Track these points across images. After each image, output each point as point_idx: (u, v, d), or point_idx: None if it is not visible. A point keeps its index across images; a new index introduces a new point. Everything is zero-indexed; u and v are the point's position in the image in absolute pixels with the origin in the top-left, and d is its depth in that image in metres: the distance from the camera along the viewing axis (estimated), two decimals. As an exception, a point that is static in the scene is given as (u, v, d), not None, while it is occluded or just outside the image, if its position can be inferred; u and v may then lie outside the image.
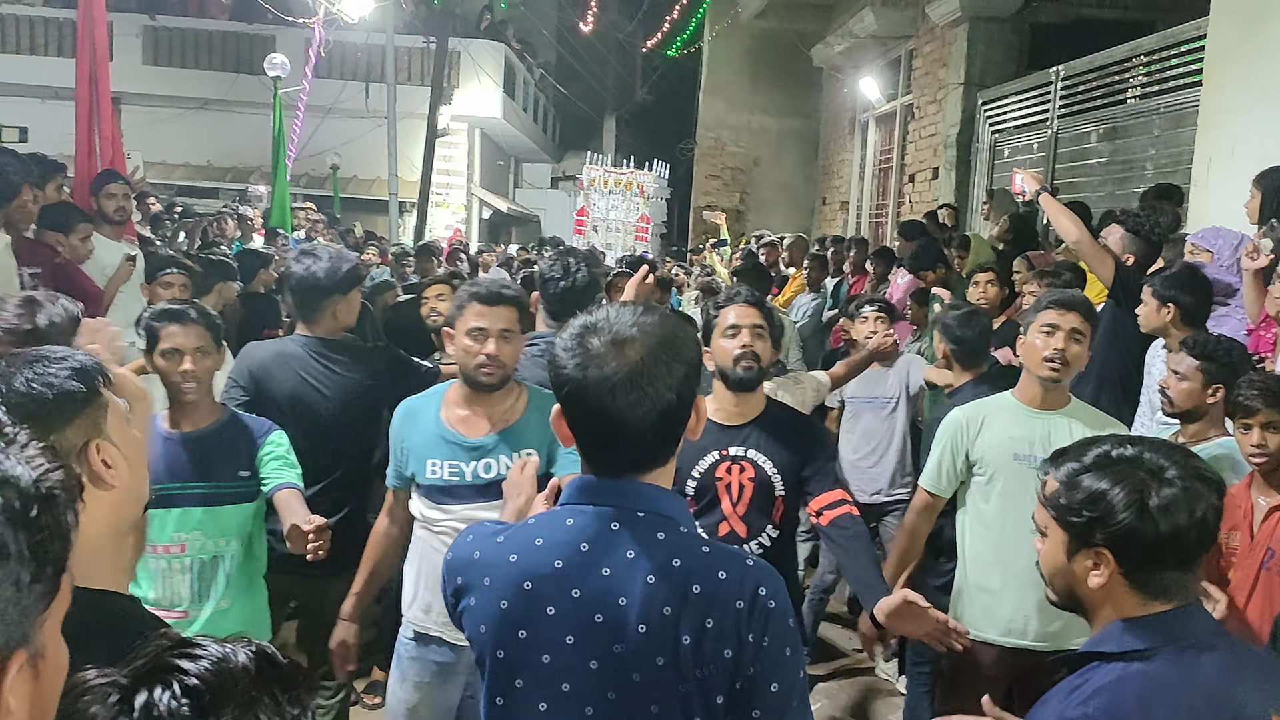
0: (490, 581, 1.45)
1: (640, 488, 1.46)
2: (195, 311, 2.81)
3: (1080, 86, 7.84)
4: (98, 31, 6.00)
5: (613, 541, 1.42)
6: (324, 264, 3.21)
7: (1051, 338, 2.82)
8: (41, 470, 0.75)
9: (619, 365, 1.40)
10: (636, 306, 1.51)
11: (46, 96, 14.28)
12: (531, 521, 1.51)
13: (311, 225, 11.97)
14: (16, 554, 0.71)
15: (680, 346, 1.45)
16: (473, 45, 18.27)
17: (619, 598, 1.39)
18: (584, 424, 1.45)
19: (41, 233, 4.67)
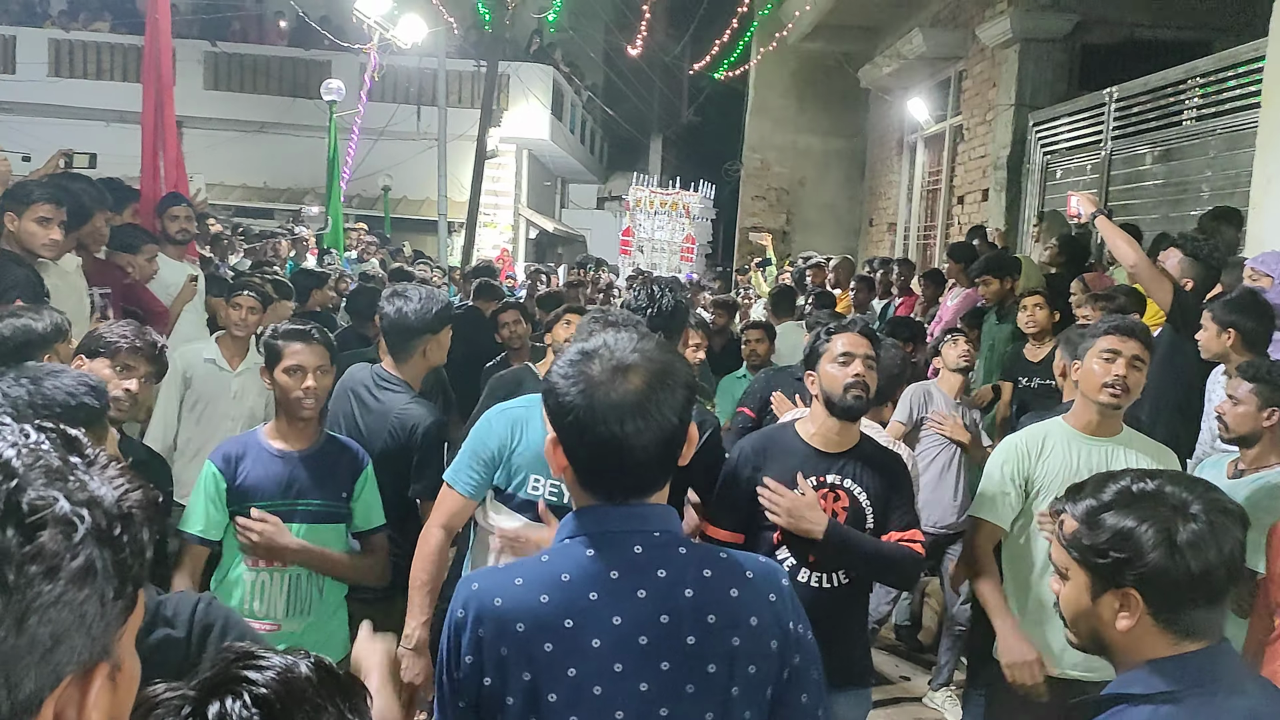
0: (525, 627, 1.41)
1: (648, 509, 1.47)
2: (317, 331, 2.91)
3: (1135, 108, 7.76)
4: (163, 58, 6.16)
5: (640, 565, 1.43)
6: (414, 305, 3.23)
7: (1112, 364, 2.80)
8: (122, 490, 0.78)
9: (626, 392, 1.40)
10: (631, 331, 1.53)
11: (112, 120, 14.72)
12: (545, 558, 1.48)
13: (364, 246, 12.19)
14: (102, 571, 0.73)
15: (678, 372, 1.47)
16: (522, 68, 18.52)
17: (660, 616, 1.41)
18: (589, 451, 1.43)
19: (111, 254, 4.80)
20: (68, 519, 0.72)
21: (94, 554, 0.73)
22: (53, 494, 0.72)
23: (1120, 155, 7.94)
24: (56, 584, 0.70)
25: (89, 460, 0.78)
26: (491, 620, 1.42)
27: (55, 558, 0.70)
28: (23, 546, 0.69)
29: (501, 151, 18.46)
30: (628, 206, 20.47)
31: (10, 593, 0.68)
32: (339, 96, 11.80)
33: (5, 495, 0.71)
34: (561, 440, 1.45)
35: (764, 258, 14.69)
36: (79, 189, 4.41)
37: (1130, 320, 2.98)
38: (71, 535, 0.72)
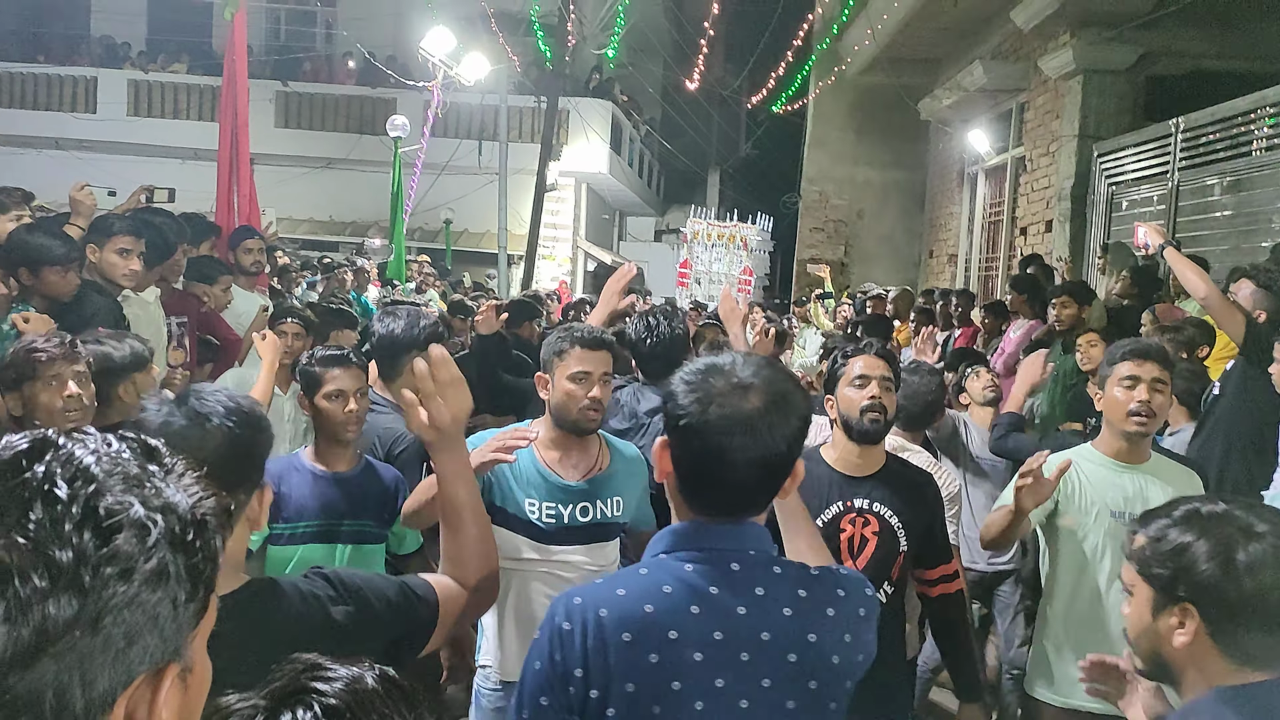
0: (631, 637, 1.42)
1: (745, 528, 1.50)
2: (355, 356, 2.98)
3: (1202, 138, 7.64)
4: (240, 98, 6.39)
5: (738, 582, 1.45)
6: (402, 323, 3.30)
7: (1134, 390, 2.74)
8: (196, 497, 0.82)
9: (739, 407, 1.44)
10: (756, 357, 1.56)
11: (187, 157, 15.24)
12: (644, 571, 1.50)
13: (423, 278, 12.40)
14: (175, 575, 0.76)
15: (796, 401, 1.50)
16: (581, 104, 18.76)
17: (761, 633, 1.44)
18: (692, 461, 1.47)
19: (189, 284, 4.98)
20: (142, 523, 0.75)
21: (167, 557, 0.76)
22: (129, 499, 0.76)
23: (1188, 186, 7.81)
24: (131, 585, 0.73)
25: (166, 468, 0.82)
26: (599, 630, 1.43)
27: (130, 560, 0.74)
28: (99, 549, 0.72)
29: (561, 185, 18.68)
30: (685, 239, 20.53)
31: (87, 593, 0.71)
32: (403, 133, 12.05)
33: (84, 500, 0.74)
34: (671, 446, 1.50)
35: (824, 290, 14.64)
36: (160, 223, 4.59)
37: (1146, 343, 2.92)
38: (146, 539, 0.75)
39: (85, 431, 0.81)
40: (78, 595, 0.71)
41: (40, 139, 17.80)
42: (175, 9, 19.87)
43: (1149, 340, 3.01)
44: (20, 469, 0.75)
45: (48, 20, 20.48)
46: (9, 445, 0.77)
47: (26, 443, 0.77)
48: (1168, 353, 2.93)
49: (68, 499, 0.74)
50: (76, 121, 18.41)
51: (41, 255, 3.57)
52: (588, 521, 2.66)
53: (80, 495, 0.74)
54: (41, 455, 0.76)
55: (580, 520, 2.66)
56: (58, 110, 18.67)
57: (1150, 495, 2.70)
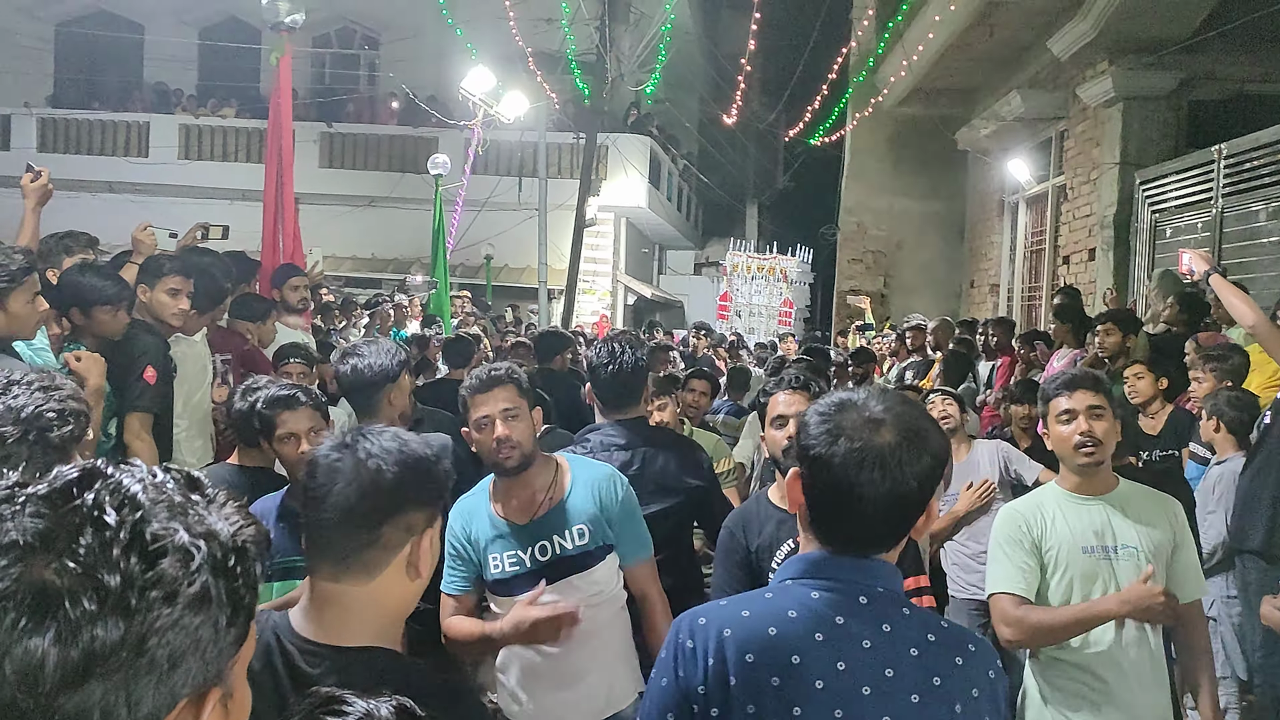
0: (754, 659, 1.41)
1: (875, 565, 1.48)
2: (304, 394, 2.95)
3: (1246, 164, 7.54)
4: (285, 140, 6.53)
5: (865, 616, 1.44)
6: (368, 358, 3.19)
7: (1072, 423, 2.67)
8: (237, 526, 0.84)
9: (869, 441, 1.43)
10: (890, 393, 1.56)
11: (236, 199, 15.60)
12: (770, 595, 1.50)
13: (465, 315, 12.52)
14: (216, 599, 0.79)
15: (930, 439, 1.47)
16: (620, 139, 18.94)
17: (885, 669, 1.41)
18: (820, 493, 1.47)
19: (233, 321, 5.07)
20: (186, 548, 0.78)
21: (209, 582, 0.79)
22: (174, 526, 0.79)
23: (1232, 213, 7.70)
24: (175, 608, 0.76)
25: (208, 498, 0.85)
26: (723, 650, 1.43)
27: (174, 583, 0.77)
28: (145, 573, 0.76)
29: (600, 220, 18.81)
30: (725, 272, 20.58)
31: (132, 615, 0.74)
32: (444, 170, 12.21)
33: (131, 526, 0.77)
34: (802, 477, 1.49)
35: (864, 321, 14.57)
36: (209, 263, 4.68)
37: (1071, 373, 2.83)
38: (189, 563, 0.78)
39: (131, 463, 0.84)
40: (124, 618, 0.74)
41: (95, 183, 18.31)
42: (225, 55, 20.49)
43: (1079, 370, 2.93)
44: (71, 496, 0.78)
45: (102, 68, 21.22)
46: (60, 474, 0.81)
47: (76, 472, 0.81)
48: (1098, 377, 2.84)
49: (116, 525, 0.77)
50: (130, 165, 19.00)
51: (93, 295, 3.66)
52: (547, 560, 2.58)
53: (128, 521, 0.77)
54: (91, 484, 0.80)
55: (540, 560, 2.59)
56: (112, 155, 19.30)
57: (1117, 525, 2.63)
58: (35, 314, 3.19)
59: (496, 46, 16.59)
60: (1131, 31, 8.81)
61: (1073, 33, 9.32)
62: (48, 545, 0.75)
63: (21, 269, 3.06)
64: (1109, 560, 2.61)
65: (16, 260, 3.05)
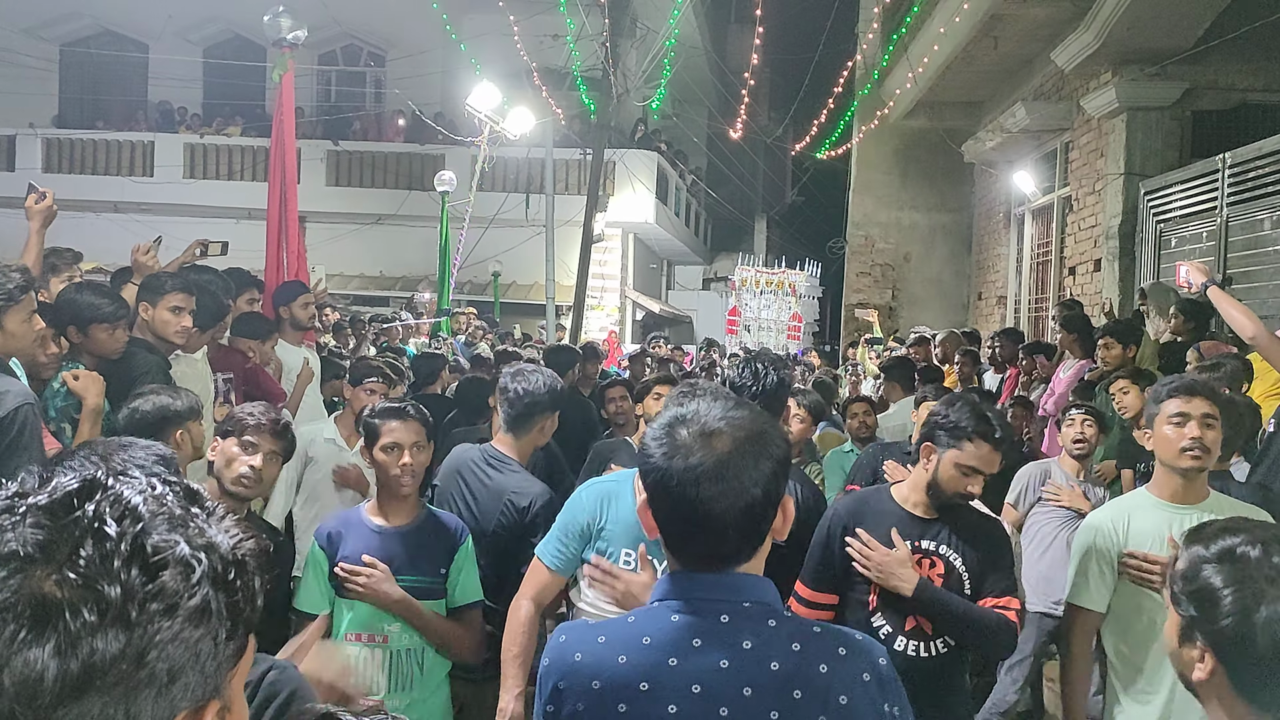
0: (600, 685, 1.41)
1: (738, 578, 1.45)
2: (412, 408, 2.99)
3: (1250, 173, 7.51)
4: (288, 158, 6.53)
5: (725, 634, 1.40)
6: (540, 381, 3.30)
7: (1184, 427, 2.69)
8: (237, 539, 0.84)
9: (704, 456, 1.40)
10: (727, 401, 1.53)
11: (241, 217, 15.66)
12: (631, 619, 1.48)
13: (472, 330, 12.54)
14: (216, 612, 0.79)
15: (769, 443, 1.44)
16: (627, 155, 18.98)
17: (743, 689, 1.38)
18: (668, 514, 1.44)
19: (234, 339, 5.08)
20: (188, 561, 0.78)
21: (209, 595, 0.79)
22: (174, 538, 0.79)
23: (1237, 221, 7.67)
24: (175, 621, 0.76)
25: (208, 511, 0.85)
26: (570, 674, 1.44)
27: (175, 596, 0.76)
28: (145, 585, 0.75)
29: (608, 236, 18.84)
30: (733, 286, 20.60)
31: (133, 628, 0.74)
32: (451, 187, 12.26)
33: (131, 538, 0.77)
34: (650, 503, 1.46)
35: (872, 335, 14.54)
36: (208, 281, 4.69)
37: (1191, 379, 2.84)
38: (190, 576, 0.78)
39: (131, 473, 0.84)
40: (124, 630, 0.73)
41: (100, 203, 18.43)
42: (229, 74, 20.62)
43: (1195, 376, 2.93)
44: (71, 508, 0.78)
45: (107, 88, 21.36)
46: (60, 485, 0.80)
47: (77, 482, 0.81)
48: (1215, 388, 2.87)
49: (117, 536, 0.77)
50: (135, 185, 19.08)
51: (90, 313, 3.67)
52: None
53: (129, 533, 0.77)
54: (92, 495, 0.79)
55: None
56: (116, 174, 19.40)
57: None
58: (32, 332, 3.20)
59: (503, 63, 16.66)
60: (1134, 42, 8.80)
61: (1076, 44, 9.32)
62: (48, 556, 0.75)
63: (19, 287, 3.07)
64: None
65: (14, 279, 3.06)
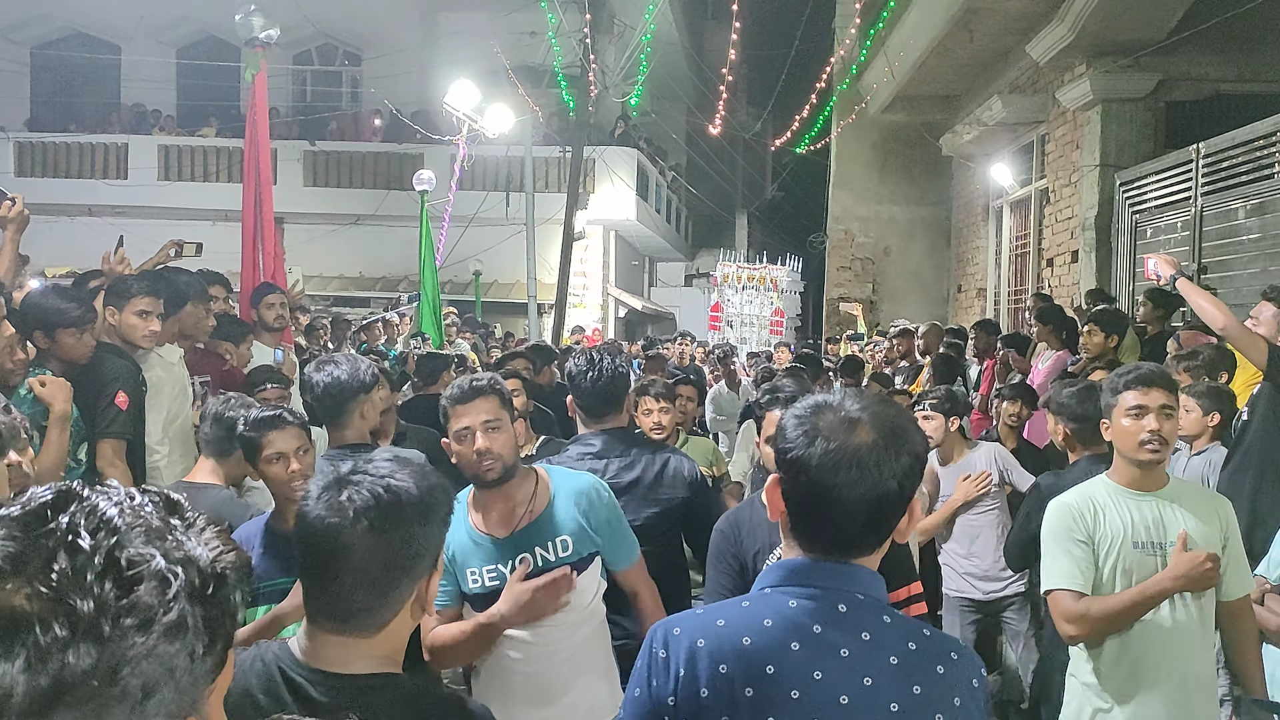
0: (728, 669, 1.39)
1: (856, 570, 1.46)
2: (288, 414, 2.93)
3: (1224, 163, 7.57)
4: (262, 158, 6.48)
5: (844, 624, 1.41)
6: (344, 368, 3.20)
7: (1141, 419, 2.71)
8: (217, 551, 0.82)
9: (846, 442, 1.41)
10: (869, 392, 1.53)
11: (217, 219, 15.50)
12: (746, 604, 1.47)
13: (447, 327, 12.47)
14: (193, 628, 0.77)
15: (909, 437, 1.45)
16: (606, 152, 18.95)
17: (863, 678, 1.39)
18: (799, 496, 1.45)
19: (212, 343, 5.03)
20: (163, 575, 0.76)
21: (186, 610, 0.77)
22: (151, 551, 0.77)
23: (1211, 211, 7.73)
24: (149, 637, 0.74)
25: (188, 522, 0.83)
26: (697, 659, 1.41)
27: (150, 611, 0.74)
28: (120, 600, 0.73)
29: (589, 233, 18.82)
30: (715, 282, 20.58)
31: (105, 644, 0.72)
32: (430, 186, 12.16)
33: (106, 551, 0.75)
34: (781, 483, 1.47)
35: (855, 331, 14.57)
36: (172, 276, 4.65)
37: (1147, 369, 2.84)
38: (166, 591, 0.76)
39: (109, 485, 0.82)
40: (96, 645, 0.71)
41: (74, 206, 18.24)
42: (203, 75, 20.39)
43: (1152, 367, 2.94)
44: (45, 519, 0.76)
45: (79, 90, 21.11)
46: (34, 496, 0.78)
47: (51, 494, 0.78)
48: (1172, 378, 2.88)
49: (90, 549, 0.74)
50: (108, 188, 18.83)
51: (56, 318, 3.61)
52: (531, 573, 2.50)
53: (103, 546, 0.75)
54: (66, 506, 0.77)
55: None
56: (90, 177, 19.11)
57: (1169, 521, 2.67)
58: (1, 339, 3.17)
59: (480, 61, 16.62)
60: (1108, 34, 8.85)
61: (1051, 37, 9.36)
62: (19, 569, 0.73)
63: (-17, 295, 3.03)
64: (1161, 555, 2.65)
65: (-23, 287, 3.03)
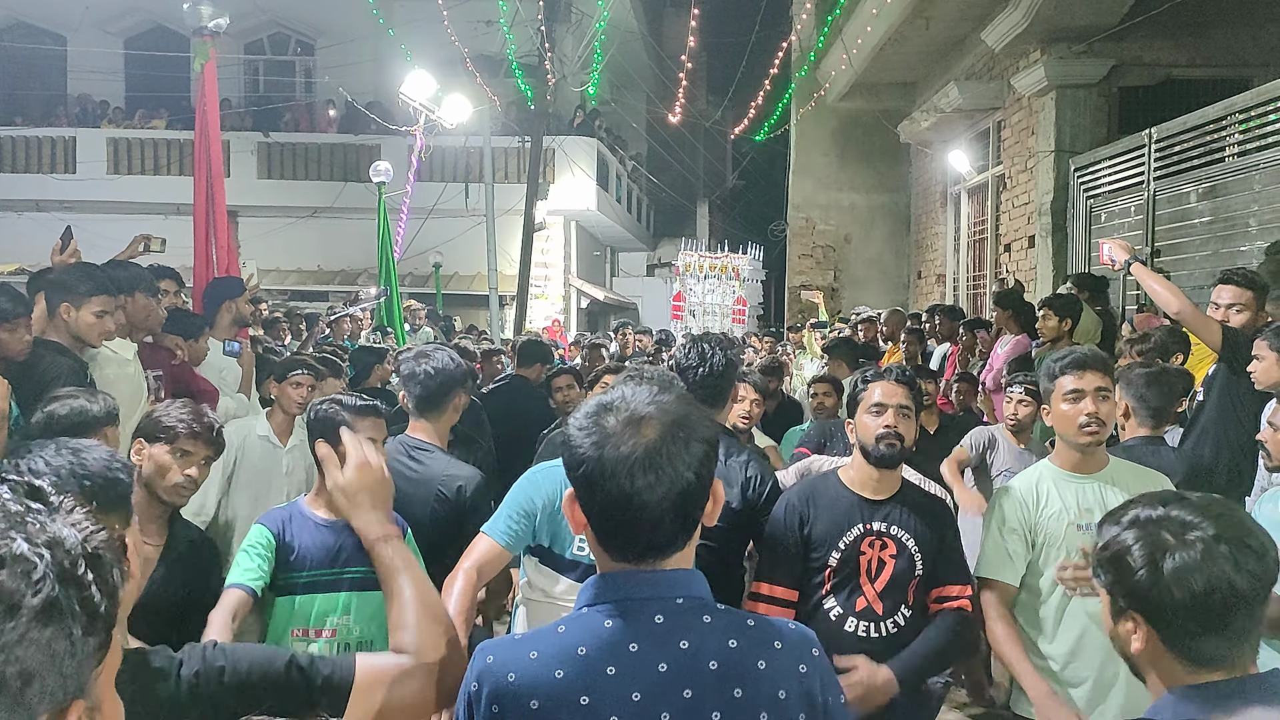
0: (539, 705, 1.34)
1: (669, 575, 1.41)
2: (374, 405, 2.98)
3: (1176, 147, 7.68)
4: (213, 150, 6.36)
5: (660, 636, 1.37)
6: (445, 359, 3.28)
7: (1079, 403, 2.76)
8: (87, 531, 0.80)
9: (636, 444, 1.35)
10: (652, 385, 1.49)
11: (170, 213, 15.21)
12: (561, 629, 1.41)
13: (411, 316, 12.37)
14: (69, 610, 0.75)
15: (697, 425, 1.41)
16: (566, 142, 18.87)
17: (683, 690, 1.35)
18: (600, 506, 1.38)
19: (162, 336, 4.93)
20: (25, 558, 0.74)
21: (57, 592, 0.75)
22: (10, 535, 0.75)
23: (1164, 195, 7.84)
24: (18, 622, 0.72)
25: (53, 506, 0.81)
26: (506, 696, 1.36)
27: (14, 596, 0.72)
28: None
29: (549, 224, 18.74)
30: (677, 272, 20.59)
31: None
32: (387, 178, 12.03)
33: None
34: (578, 495, 1.41)
35: (818, 319, 14.62)
36: (114, 269, 4.53)
37: (1080, 352, 2.88)
38: (31, 574, 0.74)
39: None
40: None
41: (21, 201, 17.85)
42: (152, 65, 19.92)
43: (1087, 349, 2.98)
44: None
45: (24, 82, 20.55)
46: None
47: None
48: (1106, 360, 2.92)
49: None
50: (56, 182, 18.40)
51: (-17, 312, 3.50)
52: None
53: None
54: None
55: None
56: (37, 172, 18.68)
57: (1110, 501, 2.70)
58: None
59: (437, 50, 16.44)
60: (1061, 21, 8.93)
61: (1005, 23, 9.43)
62: None
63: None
64: None
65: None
